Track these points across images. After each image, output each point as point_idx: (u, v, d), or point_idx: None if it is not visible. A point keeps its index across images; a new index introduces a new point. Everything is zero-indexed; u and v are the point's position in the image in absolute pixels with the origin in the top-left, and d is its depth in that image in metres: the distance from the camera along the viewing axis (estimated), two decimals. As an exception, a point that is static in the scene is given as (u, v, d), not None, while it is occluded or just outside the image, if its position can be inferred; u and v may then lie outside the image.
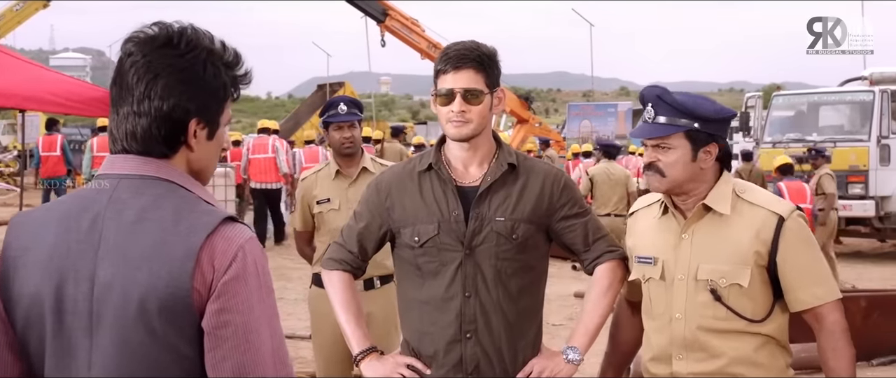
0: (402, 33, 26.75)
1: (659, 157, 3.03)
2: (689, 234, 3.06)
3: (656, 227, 3.15)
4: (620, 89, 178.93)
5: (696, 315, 3.02)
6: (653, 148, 3.04)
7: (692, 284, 3.03)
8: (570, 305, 10.50)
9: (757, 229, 2.98)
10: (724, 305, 2.99)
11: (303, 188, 5.49)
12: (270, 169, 16.56)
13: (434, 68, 3.16)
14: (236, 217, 2.02)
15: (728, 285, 2.99)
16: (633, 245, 3.21)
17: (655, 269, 3.11)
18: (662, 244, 3.10)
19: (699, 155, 3.02)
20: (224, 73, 2.05)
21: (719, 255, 3.01)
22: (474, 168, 3.19)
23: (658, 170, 3.03)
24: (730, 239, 3.00)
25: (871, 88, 15.90)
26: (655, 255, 3.11)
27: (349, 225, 3.34)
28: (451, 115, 3.09)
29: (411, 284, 3.22)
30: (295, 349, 8.51)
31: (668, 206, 3.11)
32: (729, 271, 2.99)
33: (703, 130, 3.01)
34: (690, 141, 3.01)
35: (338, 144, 5.36)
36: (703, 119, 3.00)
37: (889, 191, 15.50)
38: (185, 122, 2.01)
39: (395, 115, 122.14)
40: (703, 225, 3.05)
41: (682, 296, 3.05)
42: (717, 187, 3.06)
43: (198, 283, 1.90)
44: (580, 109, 33.72)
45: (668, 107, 3.01)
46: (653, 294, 3.14)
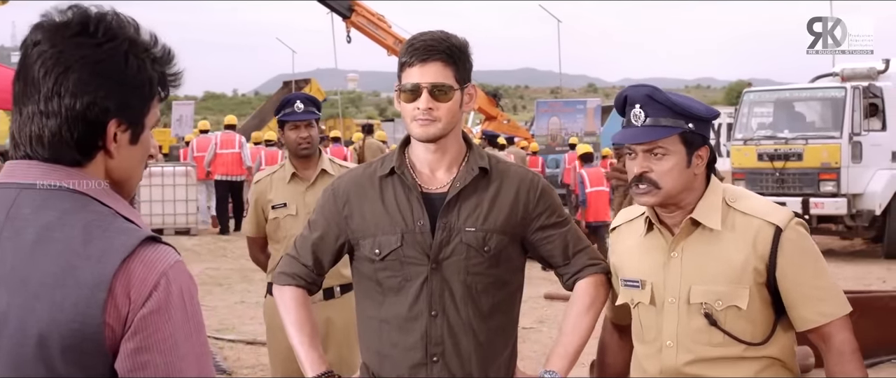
0: (368, 29, 26.70)
1: (651, 167, 2.70)
2: (679, 253, 2.75)
3: (642, 246, 2.83)
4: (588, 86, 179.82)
5: (688, 341, 2.72)
6: (643, 155, 2.71)
7: (684, 308, 2.72)
8: (540, 308, 10.28)
9: (752, 243, 2.67)
10: (721, 330, 2.69)
11: (256, 191, 5.18)
12: (236, 162, 18.16)
13: (398, 61, 2.86)
14: (159, 237, 1.71)
15: (725, 308, 2.68)
16: (619, 265, 2.91)
17: (644, 294, 2.80)
18: (650, 265, 2.79)
19: (693, 160, 2.72)
20: (150, 67, 1.76)
21: (713, 274, 2.70)
22: (442, 173, 2.89)
23: (651, 182, 2.69)
24: (723, 256, 2.69)
25: (843, 85, 15.76)
26: (642, 278, 2.80)
27: (303, 235, 3.03)
28: (416, 113, 2.79)
29: (371, 301, 2.92)
30: (256, 356, 8.25)
31: (654, 222, 2.79)
32: (725, 292, 2.68)
33: (697, 132, 2.72)
34: (685, 144, 2.70)
35: (294, 145, 5.06)
36: (697, 119, 2.72)
37: (861, 188, 15.37)
38: (102, 124, 1.71)
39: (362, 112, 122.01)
40: (694, 241, 2.74)
41: (672, 321, 2.74)
42: (705, 198, 2.74)
43: (110, 317, 1.60)
44: (548, 106, 33.49)
45: (661, 106, 2.69)
46: (643, 319, 2.83)
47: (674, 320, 2.74)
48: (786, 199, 15.08)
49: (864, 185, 15.38)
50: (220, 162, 18.33)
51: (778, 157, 15.53)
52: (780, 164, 15.52)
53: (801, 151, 15.46)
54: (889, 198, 15.42)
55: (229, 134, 18.88)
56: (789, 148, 15.57)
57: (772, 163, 15.56)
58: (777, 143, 15.65)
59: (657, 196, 2.70)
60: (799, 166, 15.47)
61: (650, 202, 2.73)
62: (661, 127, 2.68)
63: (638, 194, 2.73)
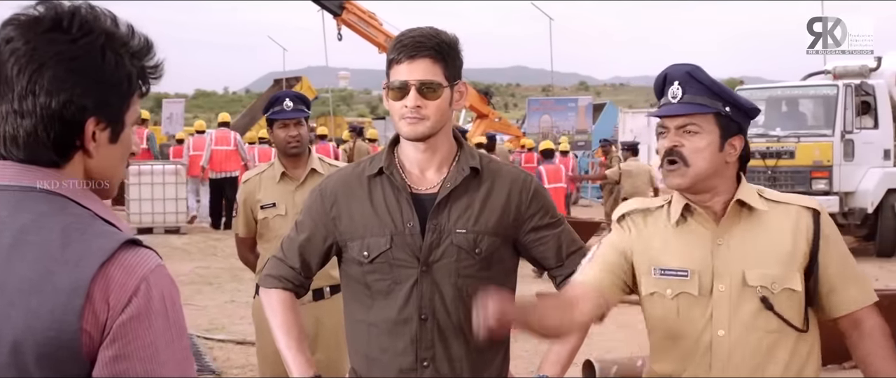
0: (359, 27, 26.65)
1: (683, 142, 2.63)
2: (725, 239, 2.68)
3: (677, 235, 2.72)
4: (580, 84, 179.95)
5: (741, 329, 2.64)
6: (675, 131, 2.65)
7: (736, 294, 2.64)
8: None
9: (795, 226, 2.66)
10: (776, 315, 2.63)
11: (245, 191, 5.11)
12: (231, 159, 18.49)
13: (386, 58, 2.80)
14: (140, 240, 1.65)
15: (780, 291, 2.63)
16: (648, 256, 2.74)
17: (690, 283, 2.68)
18: (694, 253, 2.69)
19: (726, 146, 2.66)
20: (129, 61, 1.69)
21: (765, 257, 2.64)
22: (432, 173, 2.83)
23: (682, 157, 2.62)
24: (773, 238, 2.66)
25: (835, 83, 15.73)
26: (690, 268, 2.69)
27: (290, 237, 2.96)
28: (404, 112, 2.72)
29: (359, 305, 2.86)
30: (246, 356, 8.18)
31: (694, 208, 2.70)
32: (779, 275, 2.63)
33: (734, 118, 2.66)
34: (719, 127, 2.64)
35: (283, 143, 4.99)
36: (735, 105, 2.66)
37: (853, 186, 15.34)
38: (80, 123, 1.65)
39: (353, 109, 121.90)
40: (738, 226, 2.68)
41: (724, 309, 2.65)
42: (742, 187, 2.71)
43: (88, 323, 1.54)
44: (540, 104, 33.43)
45: (700, 85, 2.64)
46: (682, 310, 2.70)
47: (726, 309, 2.65)
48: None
49: (856, 183, 15.35)
50: (215, 159, 18.61)
51: (770, 155, 15.49)
52: (773, 162, 15.48)
53: (793, 149, 15.42)
54: (881, 196, 15.41)
55: (224, 131, 19.14)
56: (781, 146, 15.53)
57: (764, 161, 15.51)
58: (769, 141, 15.60)
59: (686, 177, 2.63)
60: (791, 164, 15.42)
61: (679, 183, 2.65)
62: (697, 104, 2.63)
63: (667, 173, 2.66)
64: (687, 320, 2.69)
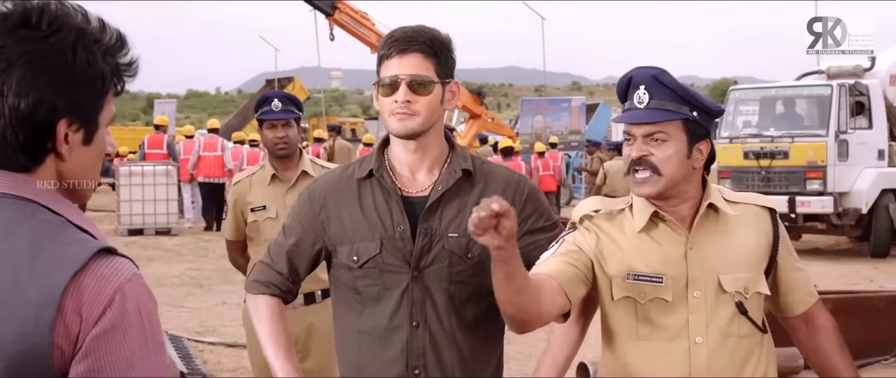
0: (351, 27, 26.63)
1: (652, 151, 2.57)
2: (697, 245, 2.62)
3: (647, 241, 2.64)
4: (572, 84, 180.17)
5: (718, 335, 2.59)
6: (643, 139, 2.58)
7: (712, 300, 2.59)
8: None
9: (757, 227, 2.66)
10: (749, 319, 2.61)
11: (235, 193, 5.02)
12: (219, 165, 18.75)
13: (377, 54, 2.72)
14: (115, 248, 1.56)
15: (752, 295, 2.62)
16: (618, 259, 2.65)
17: (665, 289, 2.61)
18: (668, 258, 2.62)
19: (693, 152, 2.60)
20: (101, 59, 1.61)
21: (737, 262, 2.63)
22: (423, 174, 2.75)
23: (652, 166, 2.56)
24: (740, 242, 2.64)
25: (830, 83, 15.66)
26: (664, 273, 2.61)
27: (277, 241, 2.88)
28: (394, 107, 2.64)
29: (349, 311, 2.77)
30: (237, 359, 8.10)
31: (663, 214, 2.63)
32: (751, 279, 2.63)
33: (700, 123, 2.61)
34: (687, 133, 2.59)
35: (271, 145, 4.91)
36: (702, 109, 2.61)
37: (847, 187, 15.28)
38: (51, 125, 1.57)
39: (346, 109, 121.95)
40: (707, 230, 2.64)
41: (701, 315, 2.59)
42: (708, 188, 2.68)
43: (60, 337, 1.46)
44: (533, 105, 33.33)
45: (666, 90, 2.58)
46: (655, 318, 2.62)
47: (702, 315, 2.59)
48: (772, 198, 14.98)
49: (850, 183, 15.29)
50: (204, 164, 18.85)
51: (764, 156, 15.44)
52: (766, 163, 15.43)
53: (787, 149, 15.37)
54: (875, 196, 15.35)
55: (212, 137, 19.50)
56: (775, 146, 15.47)
57: (758, 161, 15.46)
58: (763, 142, 15.55)
59: (658, 185, 2.57)
60: (785, 164, 15.36)
61: (650, 192, 2.59)
62: (665, 110, 2.57)
63: (636, 183, 2.59)
64: (661, 329, 2.63)
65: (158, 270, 13.61)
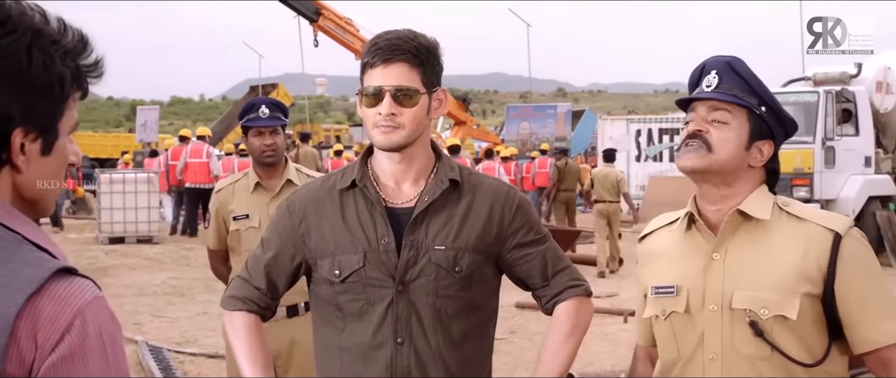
0: (335, 33, 26.56)
1: (709, 129, 2.42)
2: (722, 254, 2.45)
3: (678, 249, 2.52)
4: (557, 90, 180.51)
5: (733, 355, 2.41)
6: (703, 117, 2.45)
7: (727, 316, 2.41)
8: (511, 317, 10.06)
9: (807, 248, 2.37)
10: (768, 342, 2.37)
11: (217, 201, 4.88)
12: (205, 171, 18.99)
13: (361, 62, 2.59)
14: (75, 269, 1.44)
15: (770, 317, 2.37)
16: (650, 274, 2.59)
17: (678, 301, 2.47)
18: (687, 269, 2.48)
19: (753, 147, 2.44)
20: (60, 62, 1.48)
21: (760, 278, 2.39)
22: (408, 185, 2.63)
23: (705, 141, 2.41)
24: (773, 259, 2.39)
25: (816, 89, 15.66)
26: (678, 283, 2.49)
27: (255, 255, 2.75)
28: (378, 119, 2.52)
29: (330, 328, 2.65)
30: (218, 370, 7.99)
31: (695, 217, 2.49)
32: (772, 300, 2.37)
33: (766, 120, 2.44)
34: (750, 125, 2.43)
35: (257, 152, 4.77)
36: (771, 106, 2.45)
37: (834, 194, 15.28)
38: (5, 134, 1.44)
39: (330, 116, 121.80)
40: (739, 241, 2.44)
41: (716, 331, 2.43)
42: (755, 194, 2.45)
43: (12, 365, 1.35)
44: (519, 111, 33.34)
45: (739, 78, 2.43)
46: (677, 332, 2.50)
47: (717, 330, 2.43)
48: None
49: (837, 190, 15.30)
50: (191, 170, 19.08)
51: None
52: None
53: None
54: (862, 203, 15.37)
55: (199, 144, 19.60)
56: (762, 153, 15.40)
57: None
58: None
59: (704, 159, 2.41)
60: (772, 171, 15.29)
61: (694, 165, 2.42)
62: (732, 94, 2.43)
63: (683, 153, 2.45)
64: (681, 343, 2.50)
65: (140, 279, 13.47)
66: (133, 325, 10.02)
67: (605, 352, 8.59)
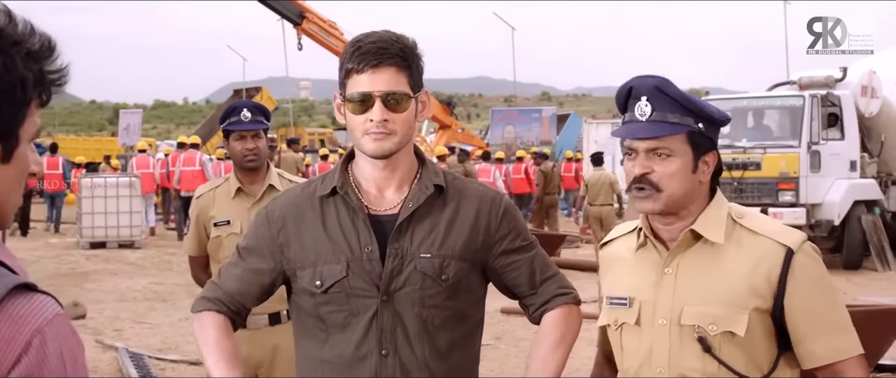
0: (319, 36, 26.51)
1: (653, 167, 2.39)
2: (674, 268, 2.43)
3: (633, 262, 2.52)
4: (542, 94, 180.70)
5: (681, 370, 2.40)
6: (646, 154, 2.40)
7: (676, 331, 2.41)
8: (497, 323, 9.97)
9: (758, 263, 2.37)
10: (715, 358, 2.37)
11: (198, 207, 4.77)
12: (198, 179, 18.69)
13: (341, 66, 2.50)
14: (35, 285, 1.34)
15: (719, 333, 2.37)
16: (607, 283, 2.60)
17: (630, 313, 2.47)
18: (641, 281, 2.47)
19: (699, 165, 2.41)
20: (22, 64, 1.38)
21: (709, 295, 2.39)
22: (391, 192, 2.54)
23: (653, 184, 2.38)
24: (723, 275, 2.39)
25: (802, 93, 15.62)
26: (631, 295, 2.48)
27: (231, 263, 2.65)
28: (369, 127, 2.43)
29: (312, 340, 2.55)
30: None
31: (647, 235, 2.48)
32: (720, 316, 2.37)
33: (706, 134, 2.41)
34: (692, 146, 2.39)
35: (239, 156, 4.66)
36: (708, 119, 2.41)
37: (820, 198, 15.24)
38: None
39: (314, 120, 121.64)
40: (691, 256, 2.43)
41: (664, 346, 2.42)
42: (709, 210, 2.44)
43: None
44: (503, 115, 33.33)
45: (671, 101, 2.38)
46: (626, 344, 2.50)
47: (665, 345, 2.42)
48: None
49: (822, 194, 15.26)
50: (185, 179, 19.27)
51: (736, 167, 15.36)
52: (739, 174, 15.36)
53: (759, 161, 15.30)
54: (848, 208, 15.34)
55: (192, 152, 19.82)
56: (747, 157, 15.41)
57: (730, 172, 15.36)
58: (735, 153, 15.47)
59: (658, 201, 2.39)
60: (757, 176, 15.30)
61: (650, 208, 2.42)
62: (668, 123, 2.38)
63: (637, 199, 2.42)
64: (630, 355, 2.50)
65: (121, 285, 13.35)
66: (113, 331, 9.91)
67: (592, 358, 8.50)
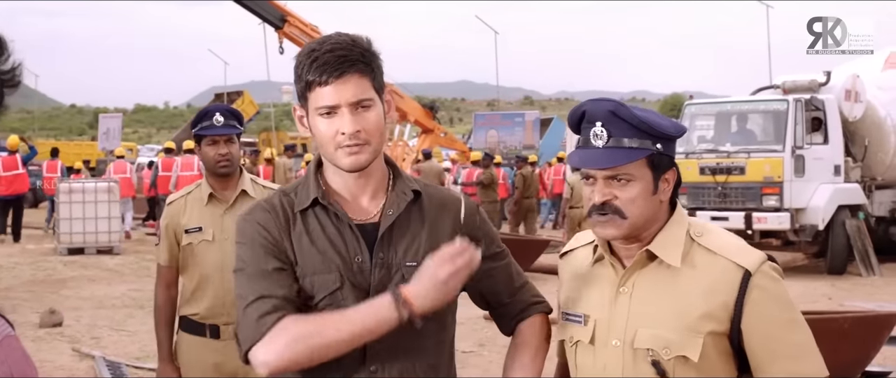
0: (301, 40, 26.43)
1: (615, 194, 2.31)
2: (629, 288, 2.36)
3: (589, 276, 2.45)
4: (524, 98, 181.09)
5: None
6: (605, 181, 2.32)
7: (629, 353, 2.33)
8: (480, 329, 9.88)
9: (713, 286, 2.29)
10: None
11: (168, 214, 4.60)
12: None
13: (299, 76, 2.32)
14: None
15: (673, 357, 2.29)
16: (563, 296, 2.53)
17: (585, 331, 2.40)
18: (597, 298, 2.41)
19: (660, 185, 2.34)
20: None
21: (663, 318, 2.31)
22: (367, 200, 2.42)
23: (617, 210, 2.31)
24: (678, 298, 2.30)
25: (786, 97, 15.62)
26: (586, 313, 2.41)
27: (249, 275, 2.35)
28: (341, 140, 2.29)
29: None
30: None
31: (604, 252, 2.40)
32: (674, 340, 2.28)
33: (665, 153, 2.34)
34: (652, 168, 2.32)
35: (212, 162, 4.52)
36: (665, 138, 2.33)
37: (804, 203, 15.22)
38: None
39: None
40: (647, 276, 2.36)
41: (617, 367, 2.35)
42: (667, 229, 2.36)
43: None
44: (486, 119, 33.33)
45: (626, 125, 2.29)
46: (580, 363, 2.43)
47: (619, 367, 2.35)
48: (728, 214, 14.93)
49: (807, 199, 15.25)
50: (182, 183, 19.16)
51: (720, 171, 15.34)
52: (723, 178, 15.34)
53: (743, 165, 15.28)
54: (832, 212, 15.33)
55: (189, 157, 19.48)
56: (731, 162, 15.39)
57: (714, 177, 15.36)
58: (719, 157, 15.47)
59: (622, 228, 2.32)
60: (741, 180, 15.29)
61: (614, 235, 2.34)
62: (626, 149, 2.29)
63: (599, 224, 2.34)
64: (584, 373, 2.43)
65: (99, 291, 13.20)
66: (91, 339, 9.76)
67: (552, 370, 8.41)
